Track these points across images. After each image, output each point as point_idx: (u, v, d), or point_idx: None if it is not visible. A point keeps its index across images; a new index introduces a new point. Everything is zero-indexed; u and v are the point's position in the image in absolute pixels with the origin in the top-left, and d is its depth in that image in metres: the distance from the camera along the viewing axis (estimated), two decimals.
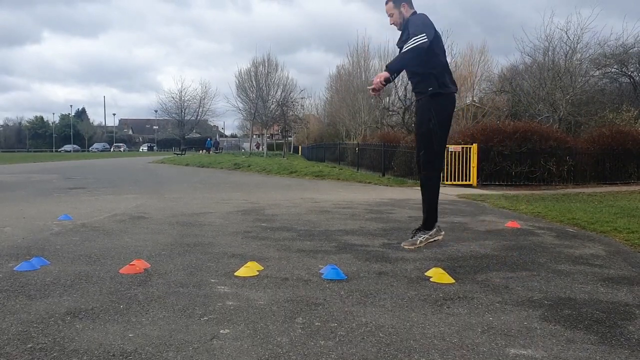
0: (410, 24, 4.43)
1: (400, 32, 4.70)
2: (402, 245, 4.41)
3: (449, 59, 19.26)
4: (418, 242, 4.36)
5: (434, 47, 4.39)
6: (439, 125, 4.35)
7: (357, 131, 35.35)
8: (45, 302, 3.65)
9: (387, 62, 4.37)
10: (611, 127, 18.45)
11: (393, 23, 4.59)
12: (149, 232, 6.68)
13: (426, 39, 4.24)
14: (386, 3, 4.57)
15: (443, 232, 4.52)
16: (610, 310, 3.62)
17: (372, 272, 4.66)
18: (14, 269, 4.59)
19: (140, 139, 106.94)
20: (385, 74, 4.29)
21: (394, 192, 13.21)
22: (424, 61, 4.41)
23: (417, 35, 4.27)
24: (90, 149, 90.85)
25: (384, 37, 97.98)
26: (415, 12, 4.56)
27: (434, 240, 4.37)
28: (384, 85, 4.28)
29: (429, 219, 4.43)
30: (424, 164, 4.44)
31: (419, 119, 4.52)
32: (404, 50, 4.35)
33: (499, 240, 6.32)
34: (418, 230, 4.44)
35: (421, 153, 4.43)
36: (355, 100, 36.08)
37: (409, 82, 25.12)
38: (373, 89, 4.33)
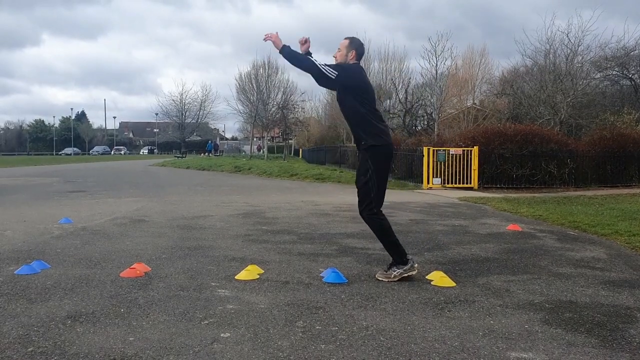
0: (347, 74, 4.63)
1: None
2: (376, 275, 4.50)
3: (448, 62, 19.00)
4: (392, 275, 4.46)
5: (359, 99, 4.53)
6: (376, 174, 4.48)
7: None
8: (46, 306, 3.65)
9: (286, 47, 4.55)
10: (612, 129, 18.43)
11: (335, 57, 4.77)
12: (149, 236, 6.68)
13: (329, 72, 4.46)
14: (345, 39, 4.73)
15: (417, 266, 4.58)
16: (612, 313, 3.61)
17: (373, 275, 4.65)
18: (15, 272, 4.59)
19: (141, 142, 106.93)
20: (279, 42, 4.52)
21: (395, 195, 13.21)
22: (357, 111, 4.56)
23: (332, 68, 4.50)
24: (90, 152, 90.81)
25: (384, 40, 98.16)
26: (357, 64, 4.73)
27: (408, 275, 4.45)
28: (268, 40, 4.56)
29: (395, 255, 4.52)
30: (363, 210, 4.55)
31: (358, 169, 4.67)
32: (314, 62, 4.54)
33: (500, 244, 6.32)
34: (392, 264, 4.53)
35: (360, 200, 4.56)
36: None
37: (409, 85, 24.88)
38: (267, 38, 4.58)
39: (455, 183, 15.33)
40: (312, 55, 4.66)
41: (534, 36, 43.31)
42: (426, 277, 4.55)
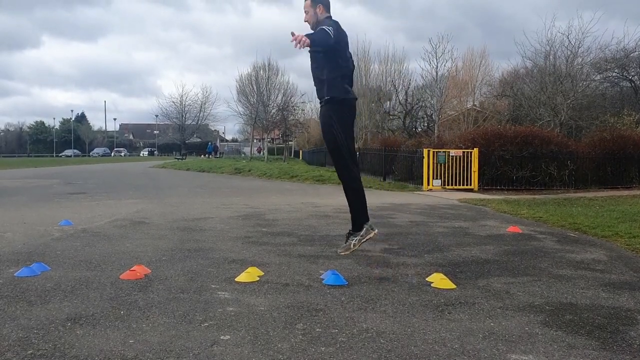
0: (321, 25, 4.56)
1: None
2: (338, 252, 4.52)
3: (448, 64, 19.05)
4: (351, 245, 4.49)
5: (337, 53, 4.48)
6: (342, 129, 4.46)
7: (358, 135, 35.34)
8: (46, 308, 3.65)
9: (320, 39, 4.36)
10: (612, 131, 18.43)
11: (307, 21, 4.74)
12: (149, 238, 6.68)
13: (332, 34, 4.33)
14: (305, 0, 4.65)
15: (375, 230, 4.60)
16: (612, 315, 3.61)
17: (373, 277, 4.65)
18: (15, 274, 4.59)
19: (141, 144, 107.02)
20: (309, 42, 4.27)
21: (395, 197, 13.21)
22: (324, 66, 4.55)
23: (327, 28, 4.39)
24: (90, 153, 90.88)
25: (384, 42, 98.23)
26: (329, 17, 4.67)
27: (367, 239, 4.47)
28: (302, 46, 4.26)
29: (356, 221, 4.55)
30: (340, 172, 4.55)
31: (322, 126, 4.66)
32: (326, 30, 4.40)
33: (500, 245, 6.31)
34: (349, 234, 4.55)
35: (336, 162, 4.56)
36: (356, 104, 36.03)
37: (409, 86, 24.88)
38: (298, 39, 4.26)
39: (456, 185, 15.33)
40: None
41: (534, 38, 43.29)
42: (426, 279, 4.55)
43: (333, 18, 4.72)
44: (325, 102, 4.57)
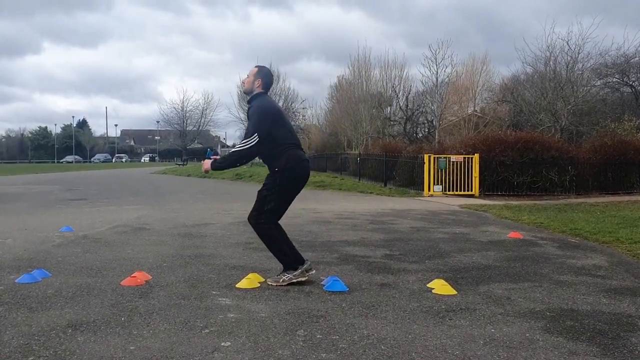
0: (251, 113, 4.72)
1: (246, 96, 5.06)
2: (267, 280, 4.55)
3: (448, 70, 19.09)
4: (281, 280, 4.53)
5: (273, 133, 4.60)
6: (279, 194, 4.57)
7: (359, 141, 35.37)
8: (47, 315, 3.65)
9: (220, 160, 4.79)
10: (613, 137, 18.43)
11: (243, 82, 4.96)
12: (150, 244, 6.68)
13: (253, 143, 4.51)
14: (254, 67, 4.90)
15: (312, 272, 4.63)
16: (613, 321, 3.60)
17: (374, 283, 4.65)
18: (16, 281, 4.59)
19: (142, 150, 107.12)
20: (209, 167, 4.71)
21: (396, 203, 13.21)
22: (269, 151, 4.66)
23: (248, 138, 4.55)
24: (92, 159, 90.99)
25: (384, 47, 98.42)
26: (263, 94, 4.83)
27: (297, 281, 4.51)
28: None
29: (285, 262, 4.58)
30: (252, 217, 4.62)
31: (266, 182, 4.76)
32: (231, 151, 4.71)
33: (501, 251, 6.31)
34: (283, 270, 4.59)
35: (254, 207, 4.64)
36: (356, 110, 36.12)
37: (410, 92, 24.89)
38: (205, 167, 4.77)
39: (456, 190, 15.33)
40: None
41: (534, 44, 43.48)
42: (427, 285, 4.55)
43: (268, 95, 4.89)
44: (275, 170, 4.64)
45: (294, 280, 4.54)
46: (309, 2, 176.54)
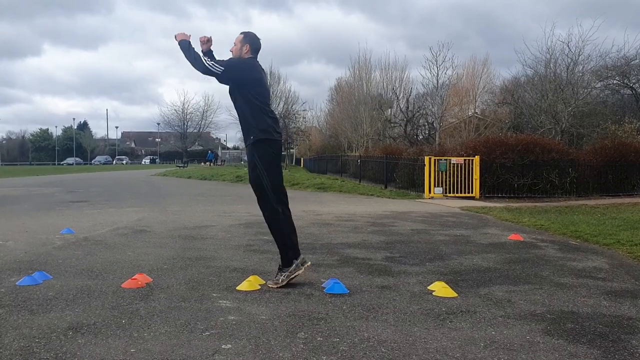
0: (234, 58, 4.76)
1: None
2: (267, 284, 4.56)
3: (449, 72, 19.10)
4: (280, 280, 4.53)
5: (251, 94, 4.60)
6: (266, 170, 4.56)
7: (359, 143, 35.42)
8: (48, 317, 3.65)
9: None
10: (613, 139, 18.44)
11: (231, 51, 4.89)
12: (151, 246, 6.68)
13: (215, 70, 4.56)
14: (240, 33, 4.86)
15: (307, 263, 4.66)
16: (614, 324, 3.60)
17: (374, 286, 4.65)
18: (16, 283, 4.59)
19: (143, 152, 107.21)
20: (180, 38, 4.68)
21: (396, 205, 13.21)
22: (244, 109, 4.66)
23: (219, 64, 4.59)
24: (92, 161, 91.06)
25: (385, 49, 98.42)
26: (253, 58, 4.81)
27: (295, 275, 4.53)
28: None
29: (283, 257, 4.60)
30: (263, 210, 4.65)
31: (248, 165, 4.74)
32: (201, 57, 4.63)
33: (501, 254, 6.31)
34: (280, 269, 4.60)
35: (258, 197, 4.65)
36: (357, 112, 36.20)
37: (410, 94, 24.96)
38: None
39: (457, 192, 15.33)
40: (214, 55, 4.75)
41: (534, 46, 43.55)
42: (428, 287, 4.55)
43: (258, 61, 4.86)
44: (250, 143, 4.64)
45: (292, 276, 4.55)
46: (309, 4, 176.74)
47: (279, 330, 3.40)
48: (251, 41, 4.78)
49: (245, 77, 4.64)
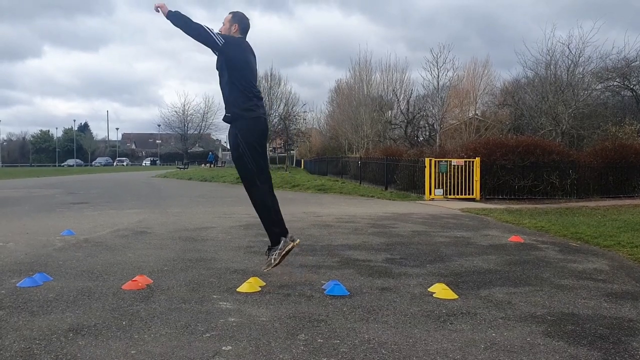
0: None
1: None
2: (262, 269, 4.57)
3: (450, 73, 19.10)
4: (272, 260, 4.55)
5: (237, 70, 4.59)
6: (248, 148, 4.55)
7: (360, 144, 35.42)
8: (48, 319, 3.65)
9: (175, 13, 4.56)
10: (614, 140, 18.43)
11: (220, 31, 4.83)
12: (151, 248, 6.69)
13: (219, 41, 4.50)
14: (229, 13, 4.84)
15: (296, 241, 4.69)
16: (614, 326, 3.60)
17: (375, 287, 4.65)
18: (17, 285, 4.59)
19: (143, 153, 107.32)
20: (166, 11, 4.53)
21: (397, 206, 13.21)
22: (227, 85, 4.65)
23: (222, 37, 4.54)
24: (93, 163, 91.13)
25: (385, 51, 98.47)
26: (242, 38, 4.79)
27: (287, 251, 4.54)
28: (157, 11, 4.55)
29: (271, 235, 4.61)
30: (247, 189, 4.65)
31: (230, 144, 4.76)
32: (197, 23, 4.55)
33: (502, 255, 6.31)
34: (269, 249, 4.60)
35: (241, 177, 4.67)
36: (357, 113, 36.21)
37: (411, 96, 24.94)
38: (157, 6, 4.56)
39: (457, 194, 15.33)
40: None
41: (534, 47, 43.53)
42: (428, 289, 4.55)
43: (247, 41, 4.84)
44: (231, 120, 4.63)
45: (283, 253, 4.58)
46: (310, 6, 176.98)
47: (279, 332, 3.40)
48: (239, 20, 4.78)
49: (240, 56, 4.63)
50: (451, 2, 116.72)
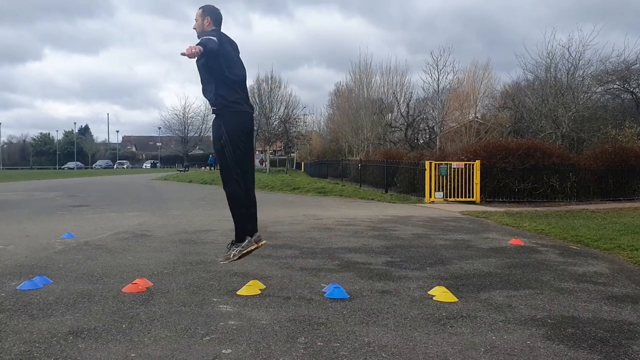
0: (206, 34, 4.63)
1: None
2: (218, 260, 4.55)
3: (450, 76, 19.04)
4: (232, 255, 4.54)
5: (223, 63, 4.55)
6: (230, 142, 4.54)
7: (360, 147, 35.41)
8: (48, 322, 3.65)
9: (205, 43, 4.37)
10: (614, 143, 18.42)
11: (194, 28, 4.83)
12: (151, 250, 6.68)
13: (215, 40, 4.40)
14: (199, 8, 4.81)
15: (262, 242, 4.68)
16: (614, 329, 3.60)
17: (375, 290, 4.65)
18: (17, 287, 4.59)
19: (144, 156, 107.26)
20: (201, 49, 4.28)
21: (397, 209, 13.21)
22: (211, 80, 4.63)
23: (210, 37, 4.45)
24: (93, 166, 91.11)
25: (386, 54, 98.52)
26: (216, 30, 4.75)
27: (247, 252, 4.53)
28: (192, 57, 4.30)
29: (237, 231, 4.61)
30: (224, 182, 4.66)
31: (213, 136, 4.77)
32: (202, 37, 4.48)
33: (502, 258, 6.30)
34: (232, 243, 4.60)
35: (220, 171, 4.65)
36: (357, 116, 36.20)
37: (411, 98, 24.91)
38: (189, 51, 4.23)
39: (458, 197, 15.32)
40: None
41: (534, 50, 43.48)
42: (428, 292, 4.54)
43: (223, 32, 4.80)
44: (215, 113, 4.63)
45: (244, 252, 4.57)
46: (310, 9, 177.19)
47: (279, 335, 3.40)
48: (211, 12, 4.75)
49: (221, 49, 4.60)
50: (451, 5, 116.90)
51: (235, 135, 4.59)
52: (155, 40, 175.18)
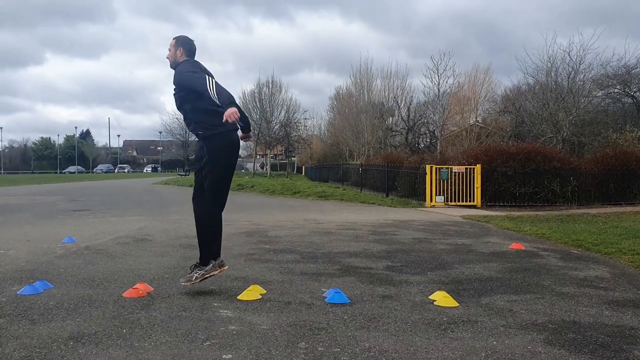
0: (177, 73, 4.68)
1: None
2: (180, 281, 4.56)
3: (451, 80, 19.06)
4: (194, 278, 4.54)
5: (199, 92, 4.53)
6: (210, 165, 4.55)
7: (361, 151, 35.45)
8: (48, 327, 3.65)
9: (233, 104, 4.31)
10: (615, 147, 18.41)
11: (167, 58, 4.89)
12: (152, 255, 6.68)
13: (213, 85, 4.40)
14: (172, 39, 4.88)
15: (225, 267, 4.69)
16: (616, 334, 3.59)
17: (375, 295, 4.64)
18: (18, 292, 4.59)
19: (145, 160, 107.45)
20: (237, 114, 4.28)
21: (398, 213, 13.20)
22: (188, 105, 4.65)
23: (205, 81, 4.42)
24: (94, 170, 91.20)
25: (386, 58, 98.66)
26: (188, 60, 4.78)
27: (210, 276, 4.56)
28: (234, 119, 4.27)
29: (202, 254, 4.62)
30: (194, 199, 4.66)
31: (195, 154, 4.83)
32: (227, 99, 4.36)
33: (503, 263, 6.30)
34: (195, 266, 4.60)
35: (194, 187, 4.70)
36: (358, 120, 36.26)
37: (412, 103, 24.97)
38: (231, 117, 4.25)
39: (458, 201, 15.32)
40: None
41: (535, 55, 43.63)
42: (429, 297, 4.54)
43: (197, 59, 4.85)
44: (202, 138, 4.63)
45: (207, 275, 4.57)
46: (310, 13, 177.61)
47: (279, 340, 3.40)
48: (183, 44, 4.79)
49: (188, 80, 4.58)
50: (452, 9, 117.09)
51: (217, 158, 4.59)
52: (157, 45, 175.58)
